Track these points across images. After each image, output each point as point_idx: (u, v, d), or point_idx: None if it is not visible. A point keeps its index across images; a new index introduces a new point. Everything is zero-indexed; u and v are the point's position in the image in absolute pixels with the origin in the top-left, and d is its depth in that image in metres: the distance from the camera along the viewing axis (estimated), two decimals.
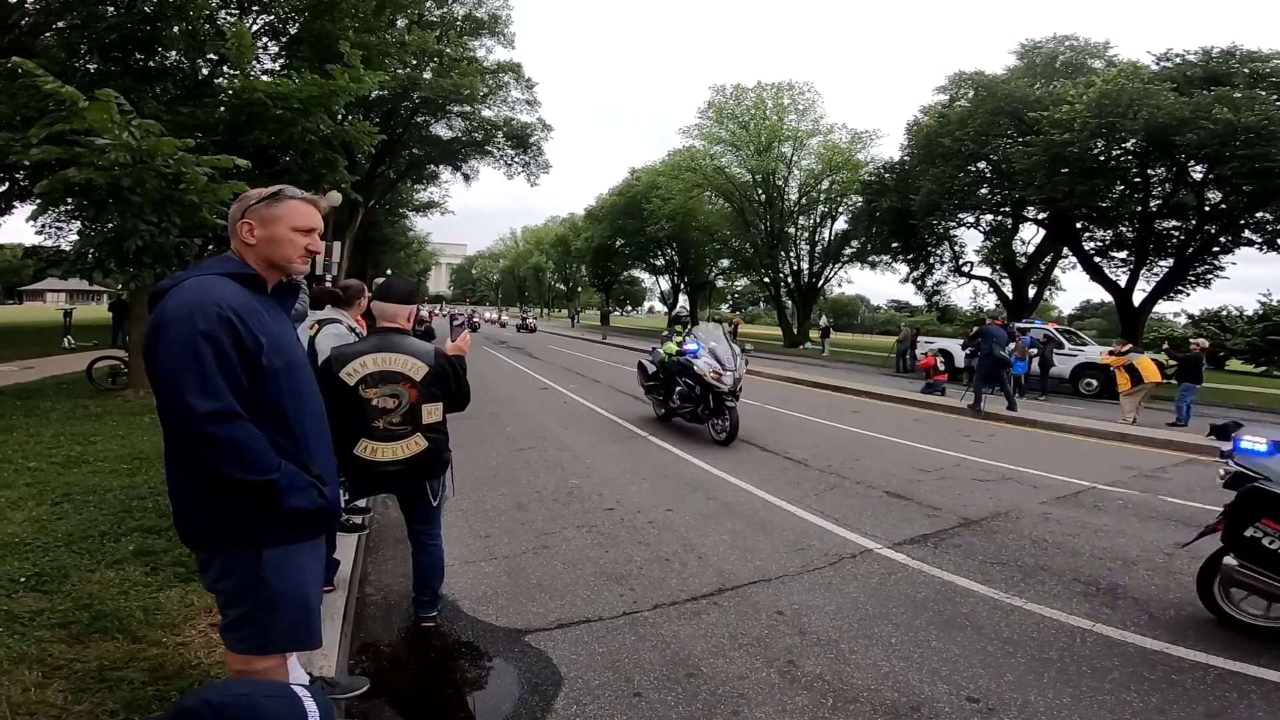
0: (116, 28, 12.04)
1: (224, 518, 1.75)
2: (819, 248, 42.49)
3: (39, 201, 8.67)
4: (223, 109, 11.17)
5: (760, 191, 40.77)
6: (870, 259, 38.37)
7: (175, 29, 12.56)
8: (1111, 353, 12.48)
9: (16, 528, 3.96)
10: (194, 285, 1.74)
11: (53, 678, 2.45)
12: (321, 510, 1.83)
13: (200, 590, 3.19)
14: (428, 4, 28.17)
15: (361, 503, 4.66)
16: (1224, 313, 42.37)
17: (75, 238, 10.44)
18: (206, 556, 1.87)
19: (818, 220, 42.13)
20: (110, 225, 7.97)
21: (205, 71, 13.82)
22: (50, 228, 20.61)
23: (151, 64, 13.20)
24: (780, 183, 40.50)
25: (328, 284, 6.54)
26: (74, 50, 12.84)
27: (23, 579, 3.27)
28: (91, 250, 8.25)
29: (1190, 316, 42.61)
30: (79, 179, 7.35)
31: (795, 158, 39.99)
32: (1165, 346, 16.63)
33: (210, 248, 10.20)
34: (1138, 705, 2.90)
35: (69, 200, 8.75)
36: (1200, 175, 21.78)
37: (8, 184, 15.27)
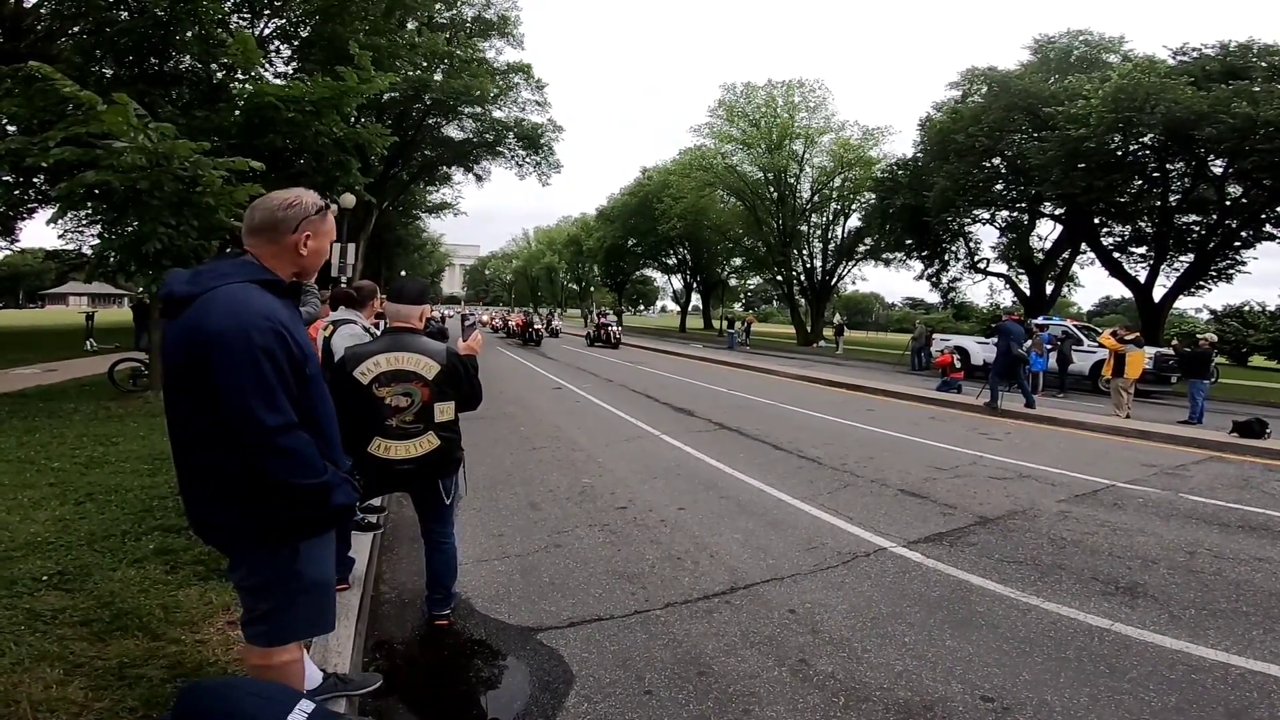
0: (130, 33, 12.20)
1: (265, 517, 1.80)
2: (832, 245, 42.27)
3: (58, 204, 8.78)
4: (237, 113, 11.29)
5: (772, 189, 40.61)
6: (884, 256, 38.13)
7: (188, 34, 12.70)
8: (1113, 334, 12.26)
9: (40, 527, 4.03)
10: (234, 295, 1.74)
11: (74, 675, 2.49)
12: (354, 503, 1.95)
13: (219, 588, 3.23)
14: (437, 6, 28.34)
15: (376, 501, 4.71)
16: (1246, 308, 41.62)
17: (96, 241, 10.59)
18: (239, 554, 1.90)
19: (830, 218, 41.91)
20: (129, 228, 8.08)
21: (219, 76, 13.96)
22: (71, 232, 20.91)
23: (166, 69, 13.36)
24: (792, 180, 40.32)
25: (342, 286, 6.60)
26: (89, 55, 13.02)
27: (45, 577, 3.32)
28: (112, 253, 8.37)
29: (1212, 312, 41.93)
30: (97, 181, 7.46)
31: (807, 155, 39.79)
32: (1174, 342, 16.38)
33: (228, 250, 10.32)
34: (1156, 705, 2.86)
35: (89, 204, 8.88)
36: (1220, 169, 21.50)
37: (28, 189, 15.51)
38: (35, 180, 13.11)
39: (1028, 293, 30.40)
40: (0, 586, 3.18)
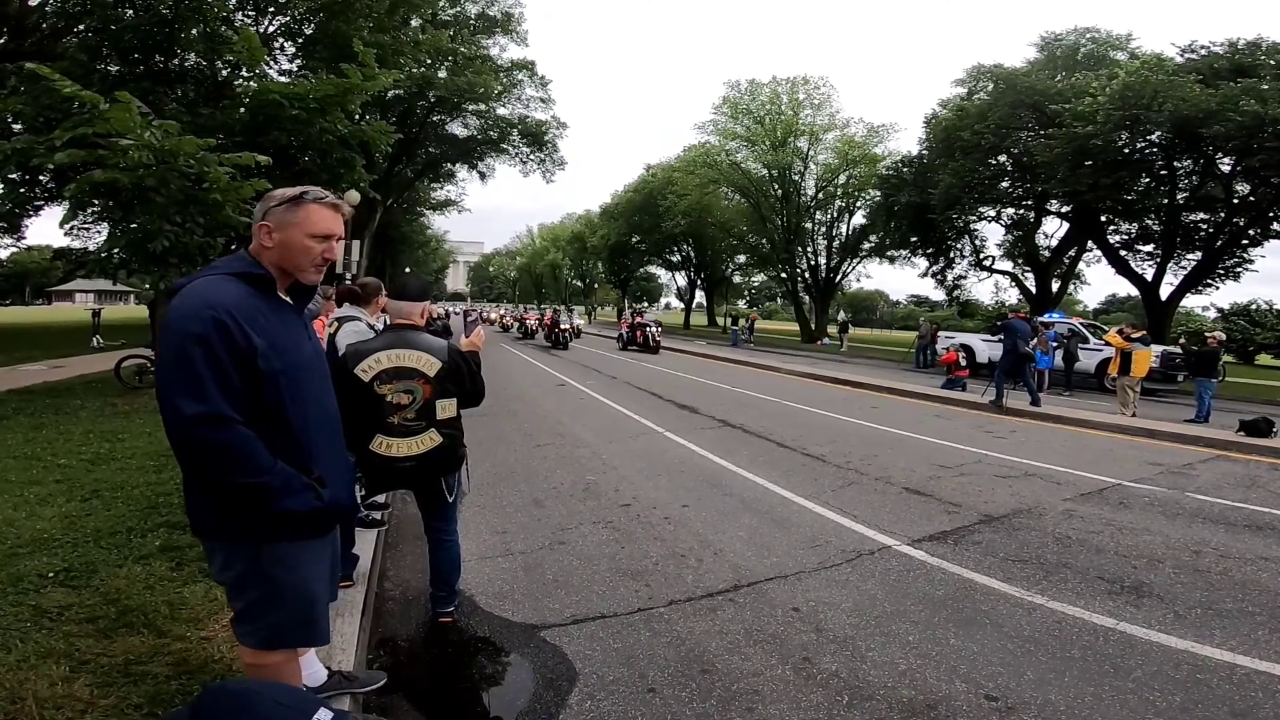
0: (135, 30, 12.22)
1: (224, 510, 1.78)
2: (836, 242, 42.27)
3: (69, 204, 8.81)
4: (242, 110, 11.30)
5: (776, 186, 40.57)
6: (889, 253, 38.16)
7: (193, 31, 12.72)
8: (1119, 332, 12.21)
9: (46, 524, 4.05)
10: (195, 288, 1.76)
11: (80, 672, 2.49)
12: (317, 512, 1.83)
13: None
14: (441, 3, 28.32)
15: (380, 499, 4.73)
16: (1253, 306, 41.46)
17: (103, 239, 10.63)
18: (210, 546, 1.90)
19: (835, 215, 41.92)
20: (135, 226, 8.10)
21: (224, 73, 13.98)
22: (78, 230, 20.96)
23: (171, 67, 13.38)
24: (796, 177, 40.29)
25: (347, 283, 6.61)
26: (95, 53, 13.04)
27: (52, 574, 3.33)
28: (118, 251, 8.39)
29: (1219, 310, 41.76)
30: (103, 180, 7.47)
31: (811, 152, 39.77)
32: (1181, 340, 16.31)
33: (234, 247, 10.33)
34: (1161, 704, 2.85)
35: (95, 202, 8.90)
36: (1228, 167, 21.39)
37: (35, 186, 15.58)
38: (41, 178, 13.17)
39: (1033, 290, 30.30)
40: (7, 583, 3.20)
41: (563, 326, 25.21)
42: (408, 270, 50.04)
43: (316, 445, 1.90)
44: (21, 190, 13.20)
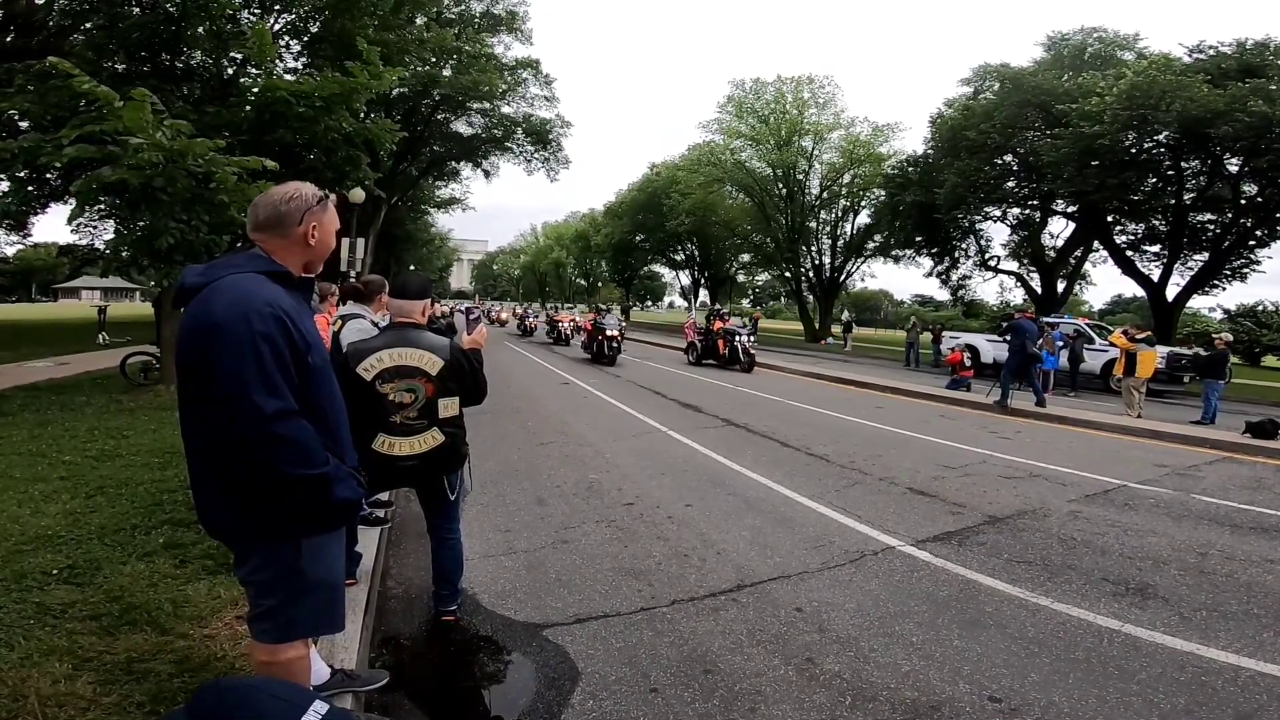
0: (141, 28, 12.24)
1: (266, 511, 1.80)
2: (841, 242, 42.21)
3: (75, 202, 8.83)
4: (248, 108, 11.30)
5: (781, 185, 40.55)
6: (893, 253, 38.06)
7: (200, 29, 12.74)
8: (1124, 333, 12.16)
9: (51, 520, 4.06)
10: (237, 285, 1.75)
11: (82, 670, 2.50)
12: (359, 499, 1.92)
13: (227, 583, 3.24)
14: (445, 1, 28.32)
15: (383, 496, 4.73)
16: (1259, 307, 41.26)
17: (109, 236, 10.67)
18: (243, 549, 1.91)
19: (839, 214, 41.86)
20: (142, 224, 8.12)
21: (230, 71, 14.00)
22: (85, 227, 21.01)
23: (178, 65, 13.40)
24: (801, 176, 40.25)
25: (351, 280, 6.63)
26: (102, 51, 13.07)
27: (55, 571, 3.34)
28: (125, 248, 8.42)
29: (1225, 311, 41.59)
30: (113, 179, 7.48)
31: (816, 151, 39.73)
32: (1192, 345, 16.23)
33: (239, 245, 10.34)
34: (1165, 707, 2.84)
35: (102, 200, 8.93)
36: (1236, 168, 21.28)
37: (42, 185, 15.64)
38: (48, 176, 13.21)
39: (1039, 290, 30.18)
40: (10, 581, 3.21)
41: (609, 333, 17.94)
42: (410, 268, 50.16)
43: (344, 437, 1.99)
44: (29, 189, 13.24)
